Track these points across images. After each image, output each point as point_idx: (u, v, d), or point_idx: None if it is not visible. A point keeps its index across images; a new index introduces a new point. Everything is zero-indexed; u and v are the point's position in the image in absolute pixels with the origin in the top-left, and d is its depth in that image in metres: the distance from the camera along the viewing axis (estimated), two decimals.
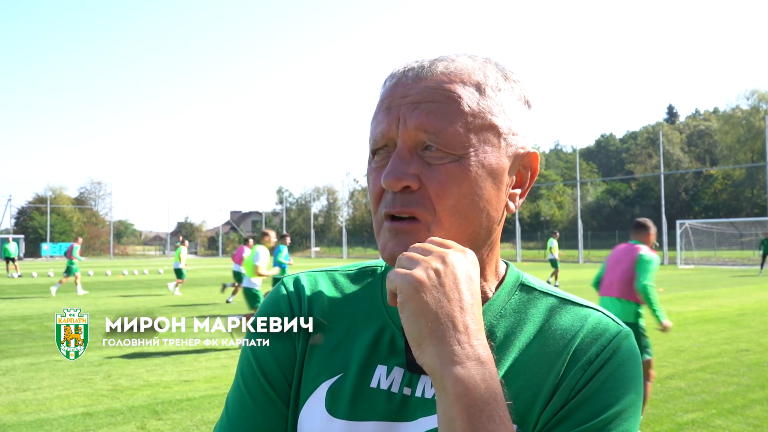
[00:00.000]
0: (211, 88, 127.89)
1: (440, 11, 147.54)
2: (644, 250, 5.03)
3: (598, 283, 5.28)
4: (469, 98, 0.73)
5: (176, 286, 16.86)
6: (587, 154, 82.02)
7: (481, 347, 0.63)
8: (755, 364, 7.23)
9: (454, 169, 0.72)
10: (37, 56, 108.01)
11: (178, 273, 16.52)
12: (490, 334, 0.75)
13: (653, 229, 5.26)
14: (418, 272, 0.64)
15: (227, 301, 14.29)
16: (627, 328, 0.75)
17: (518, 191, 0.79)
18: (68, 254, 17.12)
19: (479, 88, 0.74)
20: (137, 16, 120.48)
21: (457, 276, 0.64)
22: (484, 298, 0.78)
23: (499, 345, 0.75)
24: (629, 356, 0.72)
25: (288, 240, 11.24)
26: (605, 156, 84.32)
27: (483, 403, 0.60)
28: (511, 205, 0.78)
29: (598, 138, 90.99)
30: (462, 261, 0.66)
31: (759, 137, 51.88)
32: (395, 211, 0.73)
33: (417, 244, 0.69)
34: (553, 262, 19.77)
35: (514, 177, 0.78)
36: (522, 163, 0.78)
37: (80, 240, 18.06)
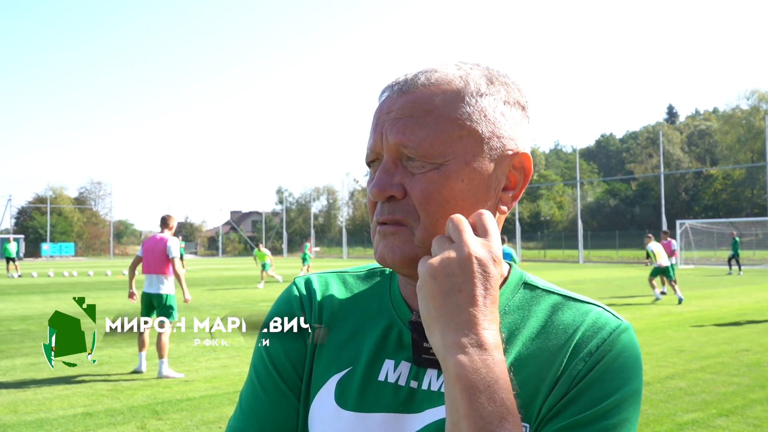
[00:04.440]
0: (211, 88, 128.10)
1: (441, 12, 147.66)
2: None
3: None
4: (446, 107, 0.76)
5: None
6: (587, 154, 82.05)
7: (489, 335, 0.66)
8: (755, 364, 7.23)
9: (434, 176, 0.75)
10: (37, 56, 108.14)
11: None
12: None
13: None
14: (436, 261, 0.68)
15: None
16: (626, 323, 0.79)
17: (510, 193, 0.81)
18: (302, 250, 23.06)
19: (458, 96, 0.77)
20: (137, 16, 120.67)
21: (474, 270, 0.67)
22: None
23: (503, 340, 0.77)
24: (628, 348, 0.76)
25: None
26: (605, 156, 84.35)
27: (483, 385, 0.63)
28: (503, 206, 0.80)
29: (598, 138, 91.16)
30: (482, 254, 0.68)
31: (759, 137, 51.90)
32: (383, 218, 0.78)
33: (456, 223, 0.71)
34: None
35: (505, 179, 0.80)
36: (512, 164, 0.80)
37: (310, 238, 23.21)
